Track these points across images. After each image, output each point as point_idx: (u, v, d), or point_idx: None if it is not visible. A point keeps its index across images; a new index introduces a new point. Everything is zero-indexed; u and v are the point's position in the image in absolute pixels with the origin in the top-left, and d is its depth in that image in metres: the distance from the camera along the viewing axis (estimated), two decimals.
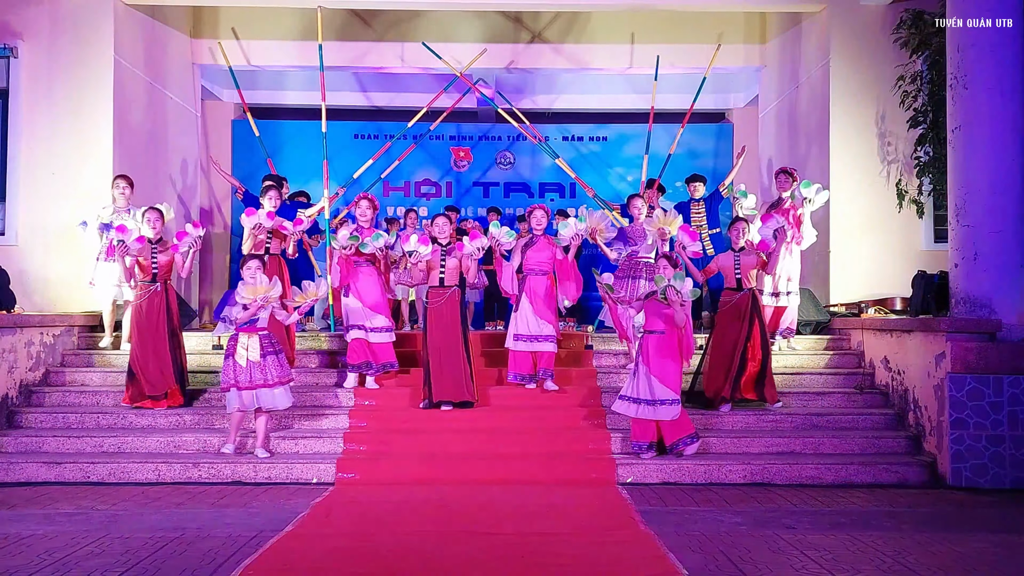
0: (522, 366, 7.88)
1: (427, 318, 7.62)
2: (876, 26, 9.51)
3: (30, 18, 9.25)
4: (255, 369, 6.77)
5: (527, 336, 7.80)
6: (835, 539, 5.20)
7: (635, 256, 8.43)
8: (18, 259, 8.92)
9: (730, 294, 7.77)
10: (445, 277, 7.62)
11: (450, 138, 12.72)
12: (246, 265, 6.90)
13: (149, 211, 7.79)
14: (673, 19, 11.29)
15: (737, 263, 7.73)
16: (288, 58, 11.35)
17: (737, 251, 7.77)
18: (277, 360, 6.89)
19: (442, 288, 7.62)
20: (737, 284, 7.74)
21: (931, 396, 7.12)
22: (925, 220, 9.44)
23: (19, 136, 9.21)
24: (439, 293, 7.61)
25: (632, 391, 6.89)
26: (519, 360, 7.88)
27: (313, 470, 6.78)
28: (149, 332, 7.60)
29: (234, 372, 6.77)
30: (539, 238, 7.90)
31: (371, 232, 7.80)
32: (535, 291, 7.80)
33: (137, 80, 9.89)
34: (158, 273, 7.67)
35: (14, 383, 7.68)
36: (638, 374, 6.90)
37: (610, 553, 4.88)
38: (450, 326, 7.54)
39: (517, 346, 7.84)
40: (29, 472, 6.80)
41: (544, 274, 7.84)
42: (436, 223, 7.74)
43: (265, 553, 4.81)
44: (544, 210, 7.97)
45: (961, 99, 7.19)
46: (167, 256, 7.72)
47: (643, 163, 10.70)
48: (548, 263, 7.85)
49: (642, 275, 8.29)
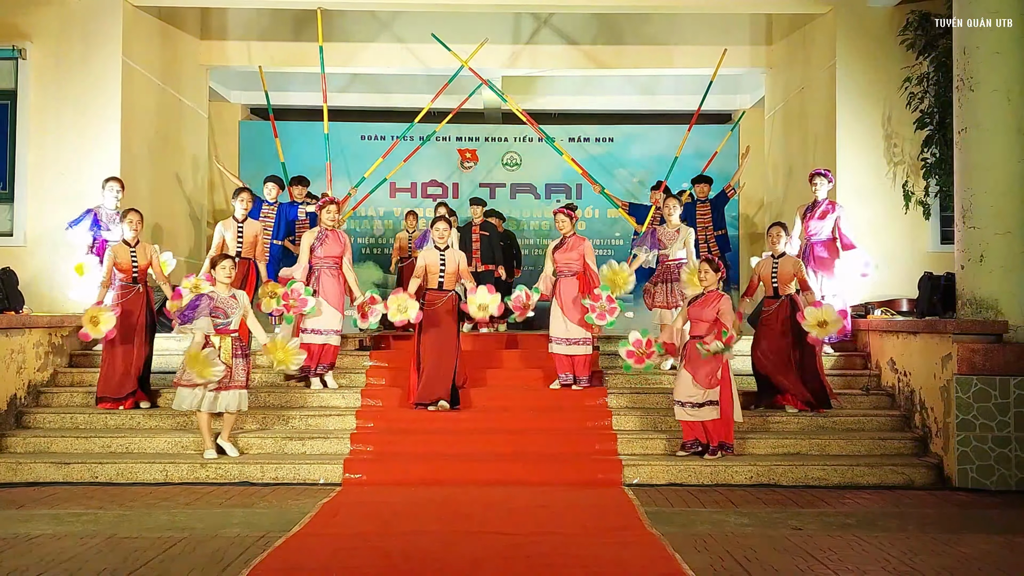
0: (562, 367, 7.94)
1: (423, 319, 7.64)
2: (883, 28, 9.50)
3: (39, 20, 9.30)
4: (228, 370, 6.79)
5: (563, 340, 7.84)
6: (841, 540, 5.20)
7: (665, 259, 8.45)
8: (26, 260, 8.95)
9: (769, 303, 7.76)
10: (444, 281, 7.65)
11: (456, 139, 12.75)
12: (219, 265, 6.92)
13: (130, 212, 7.82)
14: (679, 21, 11.29)
15: (775, 270, 7.71)
16: (294, 60, 11.37)
17: (777, 257, 7.75)
18: (245, 363, 6.91)
19: (440, 291, 7.65)
20: (775, 292, 7.73)
21: (937, 397, 7.12)
22: (932, 221, 9.42)
23: (27, 137, 9.25)
24: (437, 296, 7.64)
25: (676, 393, 6.98)
26: (559, 362, 7.95)
27: (320, 471, 6.80)
28: (128, 333, 7.66)
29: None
30: (568, 239, 7.93)
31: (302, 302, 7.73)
32: (567, 293, 7.85)
33: (145, 81, 9.92)
34: (138, 275, 7.74)
35: (23, 383, 7.71)
36: (681, 377, 6.96)
37: (616, 554, 4.89)
38: (445, 330, 7.60)
39: (553, 348, 7.92)
40: (38, 472, 6.84)
41: (573, 275, 7.88)
42: (437, 227, 7.77)
43: (273, 553, 4.83)
44: (565, 212, 7.99)
45: (968, 101, 7.18)
46: (146, 260, 7.79)
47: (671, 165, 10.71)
48: (577, 262, 7.88)
49: (676, 277, 8.31)
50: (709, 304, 6.95)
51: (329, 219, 8.05)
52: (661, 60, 11.45)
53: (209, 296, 6.86)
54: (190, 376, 6.70)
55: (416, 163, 11.75)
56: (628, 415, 7.56)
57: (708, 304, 6.95)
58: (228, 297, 6.90)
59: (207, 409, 6.81)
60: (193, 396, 6.74)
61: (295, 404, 7.73)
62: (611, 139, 12.86)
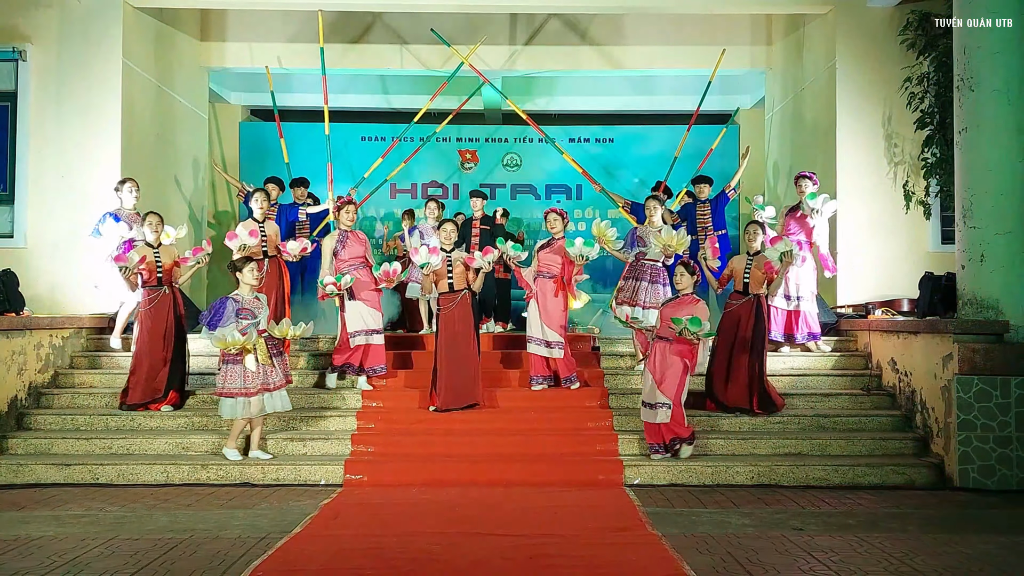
0: (537, 368, 7.92)
1: (438, 324, 7.66)
2: (882, 28, 9.51)
3: (39, 21, 9.30)
4: (263, 372, 6.79)
5: (538, 340, 7.83)
6: (843, 540, 5.20)
7: (642, 257, 8.41)
8: (27, 262, 8.96)
9: (736, 297, 7.75)
10: (454, 282, 7.65)
11: (456, 140, 12.76)
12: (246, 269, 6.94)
13: (150, 215, 7.82)
14: (678, 21, 11.30)
15: (748, 267, 7.71)
16: (295, 60, 11.38)
17: (752, 254, 7.76)
18: (282, 361, 6.92)
19: (452, 293, 7.64)
20: (744, 288, 7.73)
21: (938, 397, 7.12)
22: (932, 221, 9.43)
23: (28, 139, 9.26)
24: (449, 298, 7.63)
25: (643, 395, 6.98)
26: (533, 362, 7.93)
27: (321, 472, 6.80)
28: (157, 336, 7.65)
29: (243, 379, 6.75)
30: (556, 241, 7.92)
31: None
32: (543, 293, 7.83)
33: (145, 83, 9.93)
34: (163, 277, 7.72)
35: (23, 385, 7.71)
36: (644, 378, 6.96)
37: (618, 555, 4.89)
38: (461, 332, 7.57)
39: (530, 348, 7.90)
40: (39, 473, 6.84)
41: (551, 277, 7.85)
42: (444, 229, 7.76)
43: (274, 554, 4.83)
44: (558, 212, 7.99)
45: (968, 101, 7.19)
46: (171, 260, 7.78)
47: (670, 164, 10.72)
48: (557, 266, 7.86)
49: (646, 278, 8.22)
50: (683, 307, 6.94)
51: (348, 220, 8.04)
52: (661, 60, 11.45)
53: (233, 299, 6.85)
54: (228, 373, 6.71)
55: (416, 164, 11.76)
56: (629, 416, 7.55)
57: (683, 307, 6.95)
58: (252, 299, 6.91)
59: (256, 414, 6.81)
60: (235, 404, 6.74)
61: (296, 405, 7.72)
62: (611, 140, 12.86)
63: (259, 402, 6.79)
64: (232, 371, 6.75)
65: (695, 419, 7.33)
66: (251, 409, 6.76)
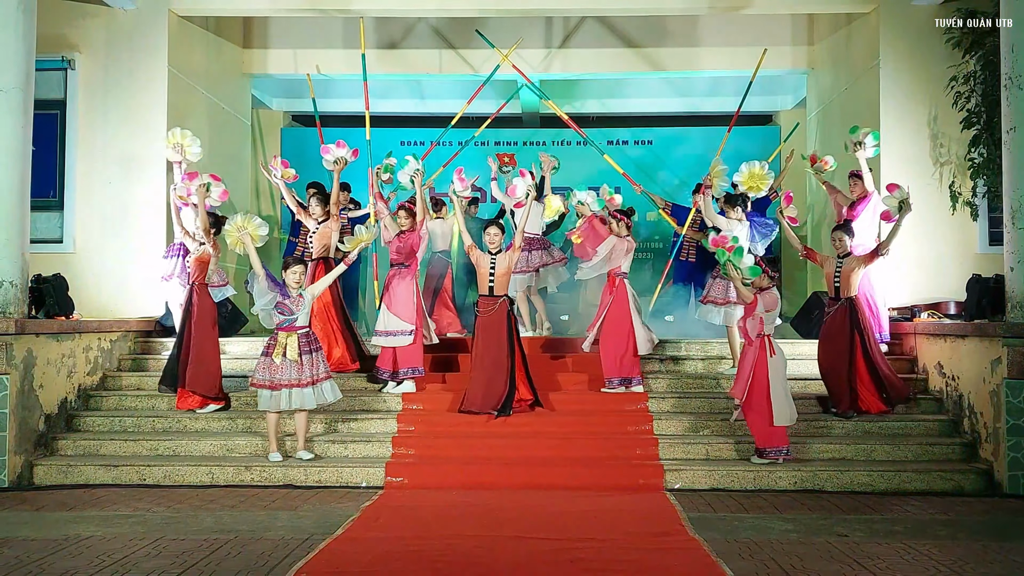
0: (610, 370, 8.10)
1: (475, 327, 7.70)
2: (927, 26, 9.35)
3: (87, 31, 9.49)
4: (291, 368, 6.87)
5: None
6: (889, 547, 5.12)
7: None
8: (75, 266, 9.14)
9: (830, 304, 7.73)
10: (495, 286, 7.68)
11: (495, 143, 12.78)
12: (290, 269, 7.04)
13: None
14: (719, 22, 11.22)
15: (838, 271, 7.64)
16: (335, 66, 11.48)
17: (841, 257, 7.69)
18: (312, 359, 6.98)
19: (492, 297, 7.67)
20: (836, 293, 7.66)
21: (987, 402, 6.98)
22: (980, 222, 9.24)
23: (76, 146, 9.44)
24: (489, 302, 7.67)
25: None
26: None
27: (362, 474, 6.85)
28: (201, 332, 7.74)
29: (269, 371, 6.88)
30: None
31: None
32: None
33: (191, 90, 10.08)
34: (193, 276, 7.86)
35: (73, 387, 7.87)
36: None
37: (658, 559, 4.86)
38: (496, 338, 7.58)
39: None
40: (87, 474, 6.99)
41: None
42: (488, 232, 7.79)
43: (317, 556, 4.88)
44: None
45: (1016, 99, 7.04)
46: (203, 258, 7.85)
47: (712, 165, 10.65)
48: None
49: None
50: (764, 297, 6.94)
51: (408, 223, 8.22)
52: (700, 61, 11.36)
53: (281, 292, 6.95)
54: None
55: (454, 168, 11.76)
56: (669, 419, 7.52)
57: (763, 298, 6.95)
58: (296, 296, 7.01)
59: (284, 407, 6.91)
60: (268, 396, 6.88)
61: (337, 407, 7.78)
62: (650, 142, 12.80)
63: (285, 396, 6.86)
64: (262, 363, 6.93)
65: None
66: (278, 403, 6.86)
